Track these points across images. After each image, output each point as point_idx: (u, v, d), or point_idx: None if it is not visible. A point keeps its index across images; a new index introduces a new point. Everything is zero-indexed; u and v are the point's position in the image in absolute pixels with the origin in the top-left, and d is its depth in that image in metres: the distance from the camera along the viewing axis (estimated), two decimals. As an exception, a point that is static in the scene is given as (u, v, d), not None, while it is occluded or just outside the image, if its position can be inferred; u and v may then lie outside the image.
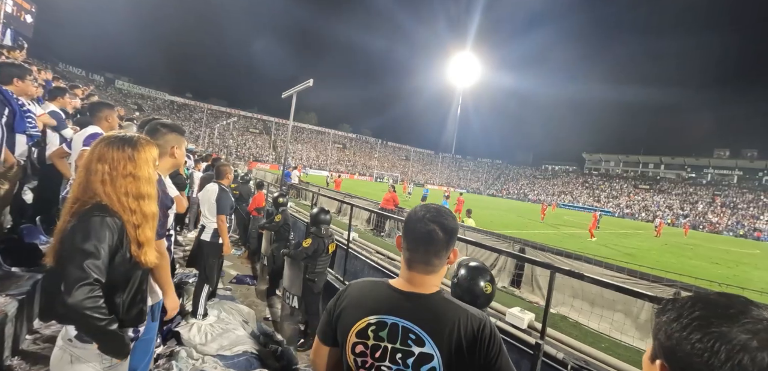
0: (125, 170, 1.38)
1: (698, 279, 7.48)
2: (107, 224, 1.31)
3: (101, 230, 1.29)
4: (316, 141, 78.99)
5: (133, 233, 1.40)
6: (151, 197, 1.46)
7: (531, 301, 7.14)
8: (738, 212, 54.03)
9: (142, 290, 1.55)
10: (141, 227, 1.42)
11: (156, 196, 1.51)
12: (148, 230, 1.45)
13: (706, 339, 0.53)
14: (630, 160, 78.32)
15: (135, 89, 64.69)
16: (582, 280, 2.48)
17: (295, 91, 8.40)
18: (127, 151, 1.41)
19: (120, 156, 1.39)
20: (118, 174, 1.37)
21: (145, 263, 1.44)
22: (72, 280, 1.20)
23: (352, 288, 1.16)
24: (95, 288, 1.24)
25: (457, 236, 1.08)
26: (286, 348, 3.79)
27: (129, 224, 1.39)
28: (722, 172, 66.27)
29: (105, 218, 1.31)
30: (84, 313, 1.21)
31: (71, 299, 1.18)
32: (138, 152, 1.44)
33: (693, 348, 0.54)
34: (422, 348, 0.99)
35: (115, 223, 1.34)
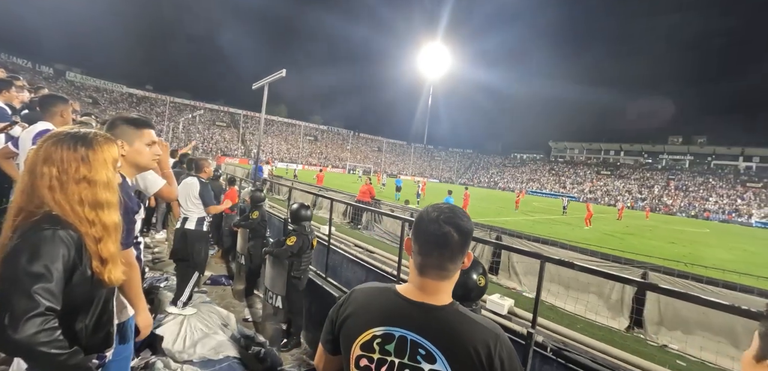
0: (78, 174, 1.16)
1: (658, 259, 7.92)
2: (60, 238, 1.10)
3: (53, 247, 1.08)
4: (287, 134, 77.39)
5: (93, 247, 1.19)
6: (111, 205, 1.24)
7: (508, 287, 7.31)
8: (690, 194, 57.96)
9: (108, 310, 1.34)
10: (102, 240, 1.20)
11: (118, 203, 1.28)
12: (111, 244, 1.23)
13: None
14: (592, 147, 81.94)
15: (89, 82, 60.52)
16: (573, 269, 2.50)
17: (267, 82, 8.11)
18: (79, 150, 1.18)
19: (71, 157, 1.16)
20: (69, 179, 1.15)
21: (110, 282, 1.23)
22: (19, 312, 0.98)
23: (356, 294, 1.06)
24: (48, 318, 1.03)
25: (471, 238, 0.99)
26: (270, 349, 3.65)
27: (88, 238, 1.17)
28: (675, 157, 70.74)
29: (57, 231, 1.10)
30: (37, 349, 1.00)
31: (19, 334, 0.97)
32: (93, 151, 1.21)
33: None
34: (433, 364, 0.91)
35: (71, 236, 1.12)
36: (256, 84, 8.42)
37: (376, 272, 5.40)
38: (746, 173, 61.34)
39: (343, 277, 5.63)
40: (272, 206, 8.97)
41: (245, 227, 5.28)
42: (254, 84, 8.48)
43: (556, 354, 2.74)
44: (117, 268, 1.24)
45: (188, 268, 4.18)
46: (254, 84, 8.48)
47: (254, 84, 8.48)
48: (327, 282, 4.30)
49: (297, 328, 4.03)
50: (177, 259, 4.29)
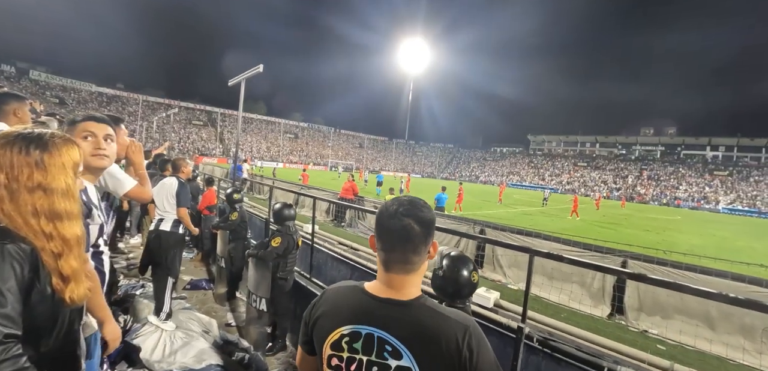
0: (31, 181, 1.02)
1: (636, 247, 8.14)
2: (9, 254, 0.96)
3: (2, 265, 0.94)
4: (266, 132, 76.15)
5: (52, 263, 1.05)
6: (72, 215, 1.10)
7: (493, 279, 7.36)
8: (661, 183, 60.26)
9: (74, 331, 1.20)
10: (63, 256, 1.07)
11: (80, 213, 1.14)
12: (74, 259, 1.10)
13: None
14: (569, 140, 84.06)
15: (54, 80, 57.78)
16: (561, 261, 2.50)
17: (244, 78, 7.89)
18: (33, 154, 1.03)
19: (23, 162, 1.01)
20: (20, 187, 1.01)
21: (73, 302, 1.09)
22: None
23: (327, 295, 1.06)
24: (9, 346, 0.90)
25: (435, 228, 0.99)
26: (254, 354, 3.54)
27: (45, 253, 1.04)
28: (647, 148, 73.44)
29: (5, 246, 0.96)
30: None
31: None
32: (49, 154, 1.06)
33: None
34: (399, 360, 0.91)
35: (22, 251, 0.99)
36: (232, 80, 8.18)
37: (360, 270, 5.32)
38: (713, 161, 64.30)
39: (328, 276, 5.53)
40: (253, 206, 8.76)
41: (224, 228, 5.11)
42: (230, 80, 8.24)
43: (542, 344, 2.76)
44: (80, 285, 1.11)
45: (162, 274, 3.97)
46: (230, 80, 8.24)
47: (230, 80, 8.24)
48: (311, 282, 4.21)
49: (283, 331, 3.93)
50: (150, 263, 4.09)
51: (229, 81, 8.26)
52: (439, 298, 2.02)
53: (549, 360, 2.74)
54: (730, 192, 53.21)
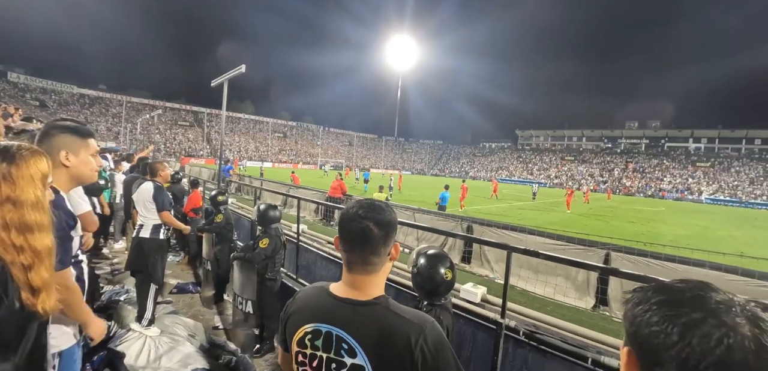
0: (0, 195, 1.03)
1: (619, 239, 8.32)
2: None
3: None
4: (255, 131, 75.40)
5: (22, 277, 1.05)
6: (42, 227, 1.09)
7: (481, 275, 7.45)
8: (646, 175, 61.43)
9: (42, 345, 1.20)
10: (33, 268, 1.06)
11: (50, 224, 1.14)
12: (44, 270, 1.09)
13: (662, 321, 0.55)
14: (557, 134, 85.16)
15: (35, 83, 56.19)
16: (538, 257, 2.55)
17: (226, 78, 7.81)
18: (0, 168, 1.04)
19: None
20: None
21: (44, 313, 1.10)
22: None
23: (298, 294, 1.11)
24: None
25: (395, 230, 1.02)
26: (241, 356, 3.52)
27: (14, 267, 1.03)
28: (632, 141, 74.83)
29: None
30: None
31: None
32: (17, 167, 1.06)
33: (650, 331, 0.56)
34: (354, 359, 0.95)
35: None
36: (215, 81, 8.09)
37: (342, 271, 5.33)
38: (696, 153, 65.85)
39: (318, 275, 5.53)
40: (241, 207, 8.69)
41: (210, 231, 5.07)
42: (213, 81, 8.14)
43: (529, 338, 2.81)
44: (51, 296, 1.11)
45: (145, 281, 3.91)
46: (213, 81, 8.14)
47: (213, 81, 8.14)
48: (298, 283, 4.20)
49: (271, 332, 3.91)
50: (133, 271, 4.02)
51: (212, 82, 8.16)
52: (418, 296, 2.04)
53: (535, 352, 2.80)
54: (712, 183, 54.56)
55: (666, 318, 0.55)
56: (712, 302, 0.54)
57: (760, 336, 0.50)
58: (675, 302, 0.57)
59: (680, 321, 0.54)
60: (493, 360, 2.41)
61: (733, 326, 0.51)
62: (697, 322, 0.53)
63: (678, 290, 0.58)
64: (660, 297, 0.58)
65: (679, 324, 0.54)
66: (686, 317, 0.54)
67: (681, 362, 0.52)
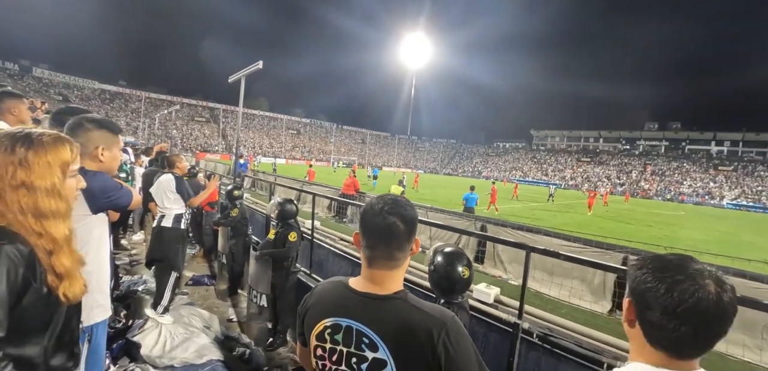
0: (15, 179, 1.03)
1: (638, 243, 8.12)
2: (6, 254, 0.97)
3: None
4: (269, 128, 76.21)
5: (46, 261, 1.06)
6: (58, 215, 1.10)
7: (494, 275, 7.37)
8: (665, 178, 59.89)
9: (71, 328, 1.21)
10: (55, 254, 1.08)
11: (68, 212, 1.15)
12: (65, 257, 1.10)
13: (655, 280, 0.77)
14: (573, 135, 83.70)
15: (58, 78, 58.02)
16: (558, 258, 2.49)
17: (243, 74, 7.89)
18: (17, 153, 1.04)
19: (7, 160, 1.03)
20: (6, 185, 1.02)
21: (67, 300, 1.11)
22: None
23: (316, 289, 1.11)
24: None
25: (417, 226, 1.02)
26: (255, 349, 3.56)
27: (39, 250, 1.05)
28: (652, 143, 72.94)
29: (2, 246, 0.98)
30: None
31: None
32: (35, 152, 1.06)
33: (646, 286, 0.78)
34: (375, 353, 0.95)
35: (18, 252, 1.00)
36: (232, 77, 8.18)
37: (361, 266, 5.33)
38: (718, 157, 63.80)
39: (330, 271, 5.54)
40: (255, 203, 8.78)
41: (225, 224, 5.13)
42: (230, 77, 8.24)
43: (542, 340, 2.75)
44: (75, 283, 1.12)
45: (165, 269, 3.99)
46: (230, 77, 8.24)
47: (230, 77, 8.24)
48: (311, 279, 4.23)
49: (284, 327, 3.94)
50: (153, 260, 4.10)
51: (229, 78, 8.26)
52: (435, 294, 2.02)
53: (549, 355, 2.74)
54: (735, 187, 52.86)
55: (657, 278, 0.77)
56: (691, 269, 0.76)
57: (721, 292, 0.73)
58: (665, 267, 0.78)
59: (667, 280, 0.76)
60: (509, 361, 2.37)
61: (703, 285, 0.73)
62: (679, 282, 0.74)
63: (668, 259, 0.80)
64: (654, 264, 0.80)
65: (666, 282, 0.76)
66: (671, 278, 0.75)
67: (664, 306, 0.75)
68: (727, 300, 0.72)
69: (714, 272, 0.76)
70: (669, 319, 0.74)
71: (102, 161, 1.66)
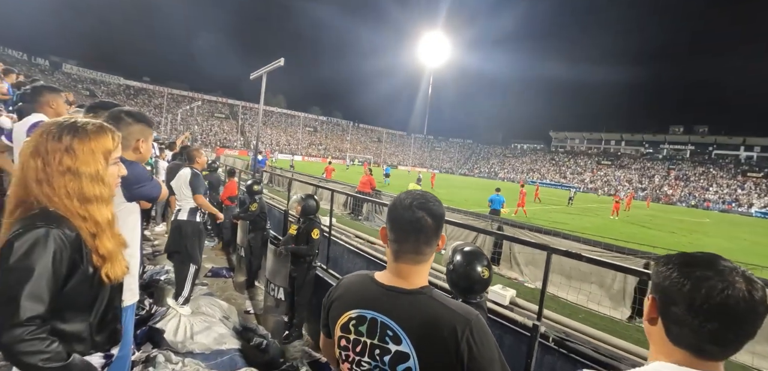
0: (62, 166, 1.08)
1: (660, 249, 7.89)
2: (53, 238, 1.03)
3: (44, 248, 1.01)
4: (286, 125, 77.12)
5: (91, 243, 1.12)
6: (101, 200, 1.16)
7: (510, 277, 7.30)
8: (690, 184, 57.87)
9: (114, 307, 1.29)
10: (98, 236, 1.14)
11: (111, 198, 1.21)
12: (108, 240, 1.17)
13: (681, 275, 0.75)
14: (593, 137, 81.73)
15: (86, 74, 60.08)
16: (580, 260, 2.45)
17: (265, 71, 8.02)
18: (64, 140, 1.10)
19: (55, 147, 1.08)
20: (53, 171, 1.07)
21: (111, 279, 1.18)
22: (2, 318, 0.96)
23: (342, 281, 1.14)
24: (29, 328, 0.97)
25: (444, 222, 1.03)
26: (272, 341, 3.63)
27: (84, 233, 1.11)
28: (676, 147, 70.49)
29: (51, 230, 1.03)
30: (21, 358, 0.96)
31: (4, 339, 0.95)
32: (80, 140, 1.12)
33: (671, 282, 0.76)
34: (399, 345, 0.96)
35: (65, 235, 1.06)
36: (253, 74, 8.33)
37: (376, 263, 5.37)
38: (747, 162, 61.22)
39: (345, 268, 5.61)
40: (272, 198, 8.93)
41: (245, 218, 5.24)
42: (252, 74, 8.39)
43: (558, 344, 2.72)
44: (117, 264, 1.19)
45: (184, 261, 4.09)
46: (252, 74, 8.39)
47: (252, 74, 8.39)
48: (328, 274, 4.28)
49: (300, 320, 4.01)
50: (172, 252, 4.20)
51: (251, 74, 8.41)
52: (453, 294, 2.02)
53: (565, 360, 2.71)
54: (765, 195, 50.67)
55: (683, 274, 0.75)
56: (720, 266, 0.73)
57: (752, 290, 0.69)
58: (691, 263, 0.76)
59: (694, 275, 0.73)
60: (526, 363, 2.35)
61: (733, 282, 0.70)
62: (707, 278, 0.71)
63: (695, 256, 0.77)
64: (681, 260, 0.78)
65: (693, 278, 0.73)
66: (699, 274, 0.73)
67: (690, 302, 0.72)
68: (758, 298, 0.69)
69: (744, 270, 0.72)
70: (694, 315, 0.71)
71: (141, 153, 1.77)
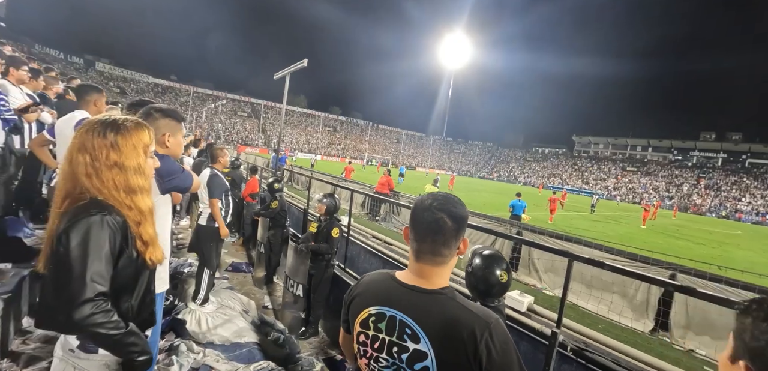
0: (109, 160, 1.19)
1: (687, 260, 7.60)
2: (107, 223, 1.14)
3: (101, 232, 1.12)
4: (306, 124, 78.03)
5: (136, 230, 1.24)
6: (144, 190, 1.28)
7: (528, 283, 7.18)
8: (721, 193, 55.39)
9: (151, 290, 1.40)
10: (141, 224, 1.25)
11: (151, 189, 1.33)
12: (150, 227, 1.29)
13: None
14: (618, 142, 79.33)
15: (117, 72, 62.52)
16: (602, 268, 2.40)
17: (288, 72, 8.16)
18: (109, 137, 1.20)
19: (102, 144, 1.19)
20: (101, 165, 1.18)
21: (153, 263, 1.30)
22: (73, 295, 1.05)
23: (364, 278, 1.15)
24: (99, 302, 1.09)
25: (466, 225, 1.03)
26: (288, 336, 3.71)
27: (130, 221, 1.22)
28: (707, 155, 67.59)
29: (105, 216, 1.14)
30: (93, 330, 1.08)
31: (76, 316, 1.05)
32: (123, 137, 1.23)
33: None
34: (417, 344, 0.96)
35: (116, 221, 1.17)
36: (277, 74, 8.49)
37: (392, 264, 5.39)
38: (785, 172, 58.16)
39: (361, 267, 5.65)
40: (292, 196, 9.08)
41: (265, 216, 5.36)
42: (276, 74, 8.55)
43: (577, 354, 2.67)
44: (157, 249, 1.31)
45: (201, 264, 4.11)
46: (276, 74, 8.55)
47: (276, 74, 8.55)
48: (345, 273, 4.33)
49: (316, 317, 4.08)
50: (192, 251, 4.33)
51: (275, 75, 8.58)
52: (471, 296, 2.02)
53: (583, 370, 2.66)
54: (804, 207, 48.03)
55: None
56: None
57: None
58: None
59: None
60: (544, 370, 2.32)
61: None
62: None
63: None
64: None
65: None
66: None
67: None
68: None
69: None
70: None
71: (168, 147, 1.85)
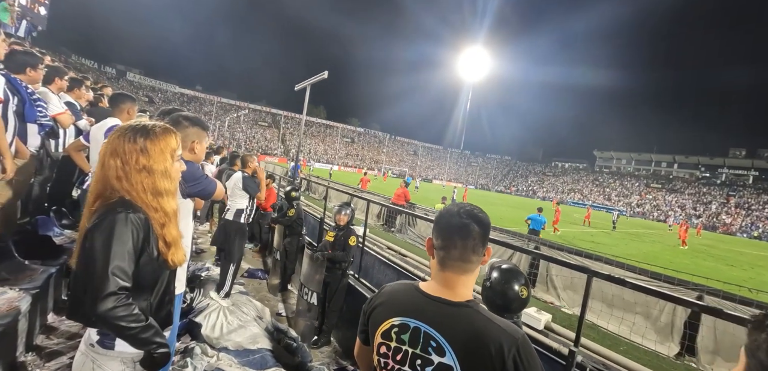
0: (138, 164, 1.25)
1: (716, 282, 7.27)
2: (131, 221, 1.19)
3: (125, 229, 1.18)
4: (325, 135, 79.00)
5: (159, 231, 1.29)
6: (170, 193, 1.33)
7: (545, 301, 7.00)
8: (753, 213, 52.89)
9: (170, 291, 1.44)
10: (166, 225, 1.30)
11: (176, 192, 1.38)
12: (174, 228, 1.33)
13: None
14: (642, 158, 77.11)
15: (146, 82, 65.27)
16: (623, 285, 2.32)
17: (309, 83, 8.32)
18: (139, 142, 1.26)
19: (132, 148, 1.25)
20: (131, 169, 1.24)
21: (174, 264, 1.34)
22: (96, 289, 1.11)
23: (385, 289, 1.13)
24: (121, 296, 1.14)
25: (489, 233, 1.04)
26: (301, 344, 3.72)
27: (155, 222, 1.27)
28: (737, 172, 64.82)
29: (129, 214, 1.20)
30: (115, 323, 1.12)
31: (100, 308, 1.10)
32: (152, 142, 1.29)
33: None
34: (442, 357, 0.94)
35: (140, 220, 1.22)
36: (298, 85, 8.66)
37: (407, 276, 5.36)
38: (822, 192, 55.15)
39: (375, 278, 5.64)
40: (309, 205, 9.16)
41: (282, 223, 5.43)
42: (297, 85, 8.72)
43: (596, 376, 2.58)
44: (179, 251, 1.35)
45: (226, 258, 4.43)
46: (297, 85, 8.72)
47: (297, 85, 8.72)
48: (359, 283, 4.33)
49: (330, 326, 4.09)
50: (219, 248, 4.60)
51: (295, 86, 8.76)
52: (488, 311, 1.98)
53: (602, 393, 2.57)
54: None
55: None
56: None
57: None
58: None
59: None
60: (560, 390, 2.25)
61: None
62: None
63: None
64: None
65: None
66: None
67: None
68: None
69: None
70: None
71: (195, 153, 1.94)
